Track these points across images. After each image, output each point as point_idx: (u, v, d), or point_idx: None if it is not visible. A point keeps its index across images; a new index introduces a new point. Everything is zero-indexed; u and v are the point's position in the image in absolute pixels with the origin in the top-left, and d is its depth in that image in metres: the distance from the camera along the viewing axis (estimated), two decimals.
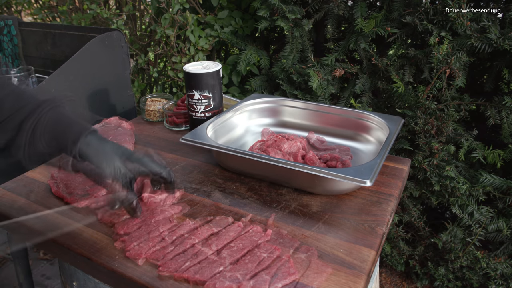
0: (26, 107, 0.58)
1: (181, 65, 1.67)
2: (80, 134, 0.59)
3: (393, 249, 1.51)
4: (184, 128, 1.07)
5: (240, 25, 1.68)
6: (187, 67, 0.95)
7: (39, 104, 0.58)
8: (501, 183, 1.23)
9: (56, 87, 1.00)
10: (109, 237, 0.67)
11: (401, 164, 0.88)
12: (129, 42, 1.96)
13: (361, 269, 0.59)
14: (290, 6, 1.41)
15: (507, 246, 1.29)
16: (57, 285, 1.63)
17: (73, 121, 0.60)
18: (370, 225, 0.68)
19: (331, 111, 0.97)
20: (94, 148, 0.59)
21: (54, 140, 0.58)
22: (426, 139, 1.28)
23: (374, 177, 0.67)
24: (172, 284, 0.56)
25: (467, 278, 1.35)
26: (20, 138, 0.57)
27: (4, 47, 1.39)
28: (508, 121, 1.20)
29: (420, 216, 1.41)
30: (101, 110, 1.14)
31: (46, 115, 0.58)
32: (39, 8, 2.15)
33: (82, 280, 0.73)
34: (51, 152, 0.60)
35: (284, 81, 1.49)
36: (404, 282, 1.61)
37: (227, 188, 0.80)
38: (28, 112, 0.57)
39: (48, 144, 0.58)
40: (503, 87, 1.40)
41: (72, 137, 0.59)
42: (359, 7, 1.31)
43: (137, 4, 2.00)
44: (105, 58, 1.11)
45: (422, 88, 1.26)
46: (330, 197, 0.76)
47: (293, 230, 0.67)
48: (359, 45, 1.34)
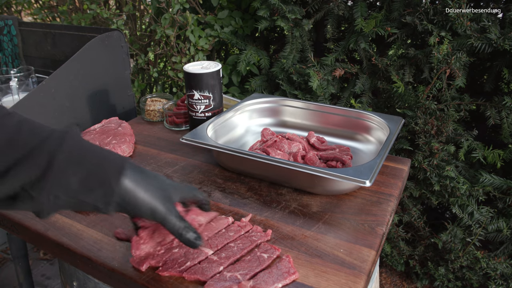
0: (50, 138, 0.45)
1: (181, 65, 1.67)
2: (122, 165, 0.48)
3: (393, 249, 1.51)
4: (184, 128, 1.07)
5: (240, 25, 1.68)
6: (187, 67, 0.95)
7: (61, 135, 0.46)
8: (501, 183, 1.23)
9: (56, 87, 1.00)
10: (109, 237, 0.67)
11: (401, 164, 0.88)
12: (129, 42, 1.96)
13: (361, 269, 0.59)
14: (290, 6, 1.41)
15: (507, 246, 1.29)
16: (57, 285, 1.63)
17: (105, 151, 0.49)
18: (370, 225, 0.68)
19: (331, 111, 0.97)
20: (142, 186, 0.49)
21: (90, 176, 0.46)
22: (426, 139, 1.28)
23: (374, 177, 0.67)
24: (172, 284, 0.56)
25: (467, 278, 1.35)
26: (48, 176, 0.43)
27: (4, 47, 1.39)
28: (508, 121, 1.20)
29: (420, 216, 1.41)
30: (101, 110, 1.14)
31: (75, 146, 0.46)
32: (39, 8, 2.15)
33: (82, 280, 0.73)
34: (83, 193, 0.46)
35: (284, 81, 1.49)
36: (404, 282, 1.61)
37: (227, 188, 0.80)
38: (56, 144, 0.44)
39: (82, 181, 0.45)
40: (503, 87, 1.40)
41: (114, 168, 0.47)
42: (359, 7, 1.31)
43: (137, 4, 2.00)
44: (105, 58, 1.11)
45: (422, 88, 1.26)
46: (330, 197, 0.76)
47: (293, 230, 0.67)
48: (359, 45, 1.34)
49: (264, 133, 0.94)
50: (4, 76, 1.16)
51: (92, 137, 0.93)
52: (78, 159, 0.45)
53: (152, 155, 0.94)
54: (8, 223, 0.73)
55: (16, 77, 1.15)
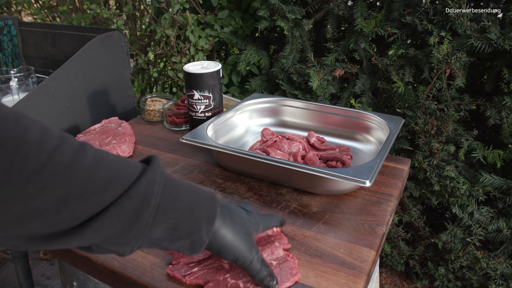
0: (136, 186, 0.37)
1: (181, 65, 1.67)
2: (213, 213, 0.44)
3: (393, 249, 1.51)
4: (184, 128, 1.07)
5: (240, 25, 1.68)
6: (187, 67, 0.95)
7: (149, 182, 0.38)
8: (501, 183, 1.23)
9: (56, 87, 1.00)
10: None
11: (401, 164, 0.88)
12: (129, 42, 1.96)
13: (361, 269, 0.59)
14: (290, 6, 1.41)
15: (507, 246, 1.29)
16: (57, 285, 1.63)
17: (194, 190, 0.44)
18: (370, 225, 0.68)
19: (331, 111, 0.97)
20: (229, 231, 0.46)
21: (178, 226, 0.41)
22: (426, 139, 1.28)
23: (374, 177, 0.67)
24: (172, 285, 0.56)
25: (467, 278, 1.35)
26: (132, 231, 0.37)
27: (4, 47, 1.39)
28: (508, 121, 1.20)
29: (420, 216, 1.41)
30: (101, 110, 1.14)
31: (164, 194, 0.39)
32: (39, 8, 2.15)
33: (82, 280, 0.73)
34: (168, 242, 0.41)
35: (284, 81, 1.49)
36: (404, 282, 1.61)
37: (227, 188, 0.80)
38: (143, 195, 0.37)
39: (169, 231, 0.40)
40: (503, 87, 1.40)
41: (205, 217, 0.43)
42: (359, 7, 1.31)
43: (137, 4, 2.00)
44: (105, 58, 1.11)
45: (422, 88, 1.26)
46: (330, 197, 0.76)
47: (293, 230, 0.67)
48: (359, 45, 1.34)
49: (264, 133, 0.94)
50: (4, 76, 1.16)
51: (92, 137, 0.93)
52: (167, 209, 0.39)
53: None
54: None
55: (16, 77, 1.15)
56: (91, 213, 0.34)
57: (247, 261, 0.49)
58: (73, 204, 0.32)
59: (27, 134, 0.30)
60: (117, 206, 0.35)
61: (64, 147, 0.32)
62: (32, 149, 0.30)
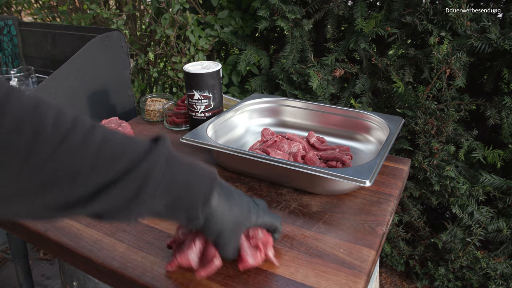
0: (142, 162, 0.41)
1: (181, 65, 1.67)
2: (210, 191, 0.48)
3: (393, 249, 1.51)
4: (184, 128, 1.07)
5: (240, 25, 1.68)
6: (187, 67, 0.95)
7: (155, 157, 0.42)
8: (501, 183, 1.23)
9: (56, 87, 1.00)
10: (109, 237, 0.67)
11: (401, 164, 0.88)
12: (129, 42, 1.96)
13: (361, 269, 0.59)
14: (290, 6, 1.41)
15: (507, 246, 1.29)
16: (57, 285, 1.63)
17: (195, 167, 0.48)
18: (370, 225, 0.68)
19: (331, 111, 0.97)
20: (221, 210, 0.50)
21: (176, 201, 0.45)
22: (426, 139, 1.28)
23: (374, 177, 0.67)
24: (172, 285, 0.56)
25: (467, 278, 1.35)
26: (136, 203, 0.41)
27: (4, 47, 1.39)
28: (508, 121, 1.21)
29: (420, 216, 1.41)
30: (101, 110, 1.14)
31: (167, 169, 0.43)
32: (39, 8, 2.15)
33: (82, 280, 0.73)
34: (167, 215, 0.46)
35: (284, 81, 1.49)
36: (404, 282, 1.61)
37: None
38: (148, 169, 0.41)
39: (168, 206, 0.45)
40: (503, 87, 1.40)
41: (201, 195, 0.47)
42: (359, 7, 1.31)
43: (137, 4, 2.00)
44: (105, 58, 1.11)
45: (422, 88, 1.26)
46: (330, 197, 0.76)
47: (293, 230, 0.67)
48: (359, 45, 1.34)
49: (264, 133, 0.94)
50: (4, 76, 1.16)
51: None
52: (168, 184, 0.43)
53: None
54: (8, 223, 0.73)
55: (16, 77, 1.15)
56: (98, 186, 0.39)
57: (223, 242, 0.52)
58: (82, 178, 0.38)
59: (43, 121, 0.36)
60: (120, 183, 0.39)
61: (74, 130, 0.38)
62: (48, 134, 0.35)
